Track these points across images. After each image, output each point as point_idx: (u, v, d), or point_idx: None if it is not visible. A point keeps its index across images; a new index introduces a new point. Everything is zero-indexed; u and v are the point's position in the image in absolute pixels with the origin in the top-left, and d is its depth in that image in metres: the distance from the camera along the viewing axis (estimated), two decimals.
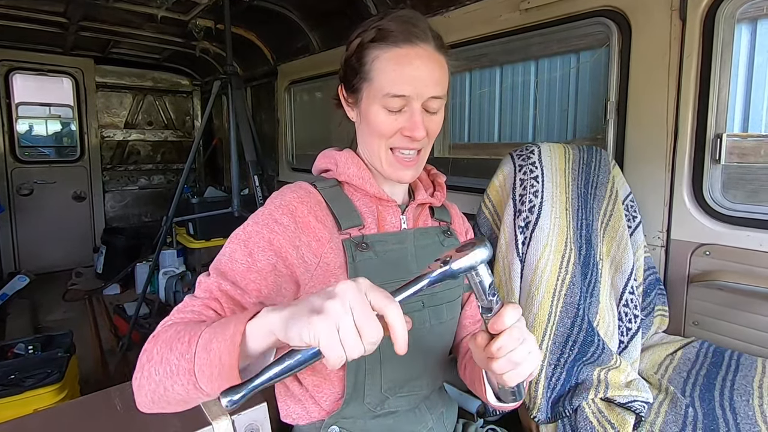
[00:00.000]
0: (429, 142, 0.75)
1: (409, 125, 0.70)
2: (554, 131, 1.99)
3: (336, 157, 0.80)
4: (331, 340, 0.41)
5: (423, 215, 0.83)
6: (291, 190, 0.73)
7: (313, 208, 0.72)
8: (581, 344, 1.02)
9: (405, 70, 0.69)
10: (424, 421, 0.80)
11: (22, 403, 1.56)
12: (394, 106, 0.70)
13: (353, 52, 0.75)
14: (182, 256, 3.56)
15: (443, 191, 0.86)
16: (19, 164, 3.81)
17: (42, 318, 3.08)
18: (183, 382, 0.52)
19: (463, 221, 0.92)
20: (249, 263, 0.65)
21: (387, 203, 0.78)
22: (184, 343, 0.52)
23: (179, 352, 0.52)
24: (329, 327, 0.42)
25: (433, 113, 0.73)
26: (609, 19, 1.41)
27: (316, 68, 2.92)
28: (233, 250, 0.67)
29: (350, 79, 0.76)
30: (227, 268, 0.65)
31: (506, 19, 1.71)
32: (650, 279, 1.30)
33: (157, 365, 0.54)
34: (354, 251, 0.71)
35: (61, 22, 3.00)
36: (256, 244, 0.67)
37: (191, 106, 4.81)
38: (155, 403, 0.57)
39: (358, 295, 0.43)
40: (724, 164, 1.26)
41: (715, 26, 1.21)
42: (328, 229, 0.72)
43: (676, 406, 0.97)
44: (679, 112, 1.28)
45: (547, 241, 1.06)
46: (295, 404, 0.77)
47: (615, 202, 1.28)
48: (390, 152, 0.74)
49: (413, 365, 0.76)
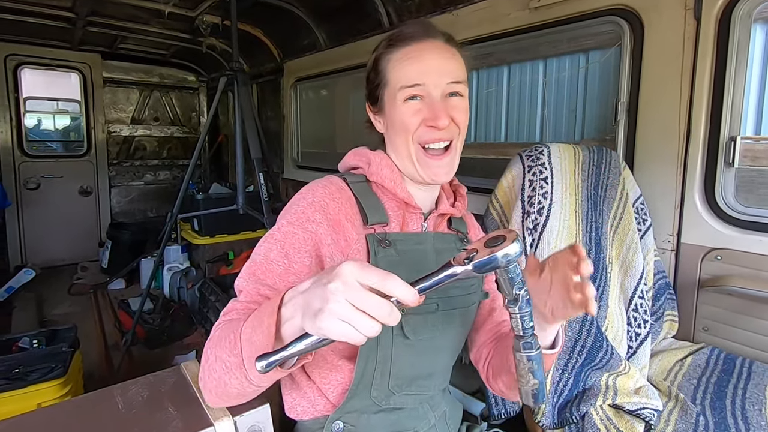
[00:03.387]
0: (460, 133, 0.75)
1: (430, 114, 0.71)
2: (562, 131, 1.96)
3: (369, 156, 0.81)
4: (340, 331, 0.43)
5: (442, 224, 0.84)
6: (322, 185, 0.74)
7: (344, 206, 0.72)
8: (589, 349, 1.00)
9: (416, 62, 0.71)
10: (427, 419, 0.80)
11: (26, 397, 1.56)
12: (413, 96, 0.71)
13: (371, 66, 0.78)
14: (187, 252, 3.57)
15: (464, 202, 0.87)
16: (27, 158, 3.83)
17: (47, 311, 3.09)
18: (237, 376, 0.56)
19: (478, 230, 0.93)
20: (286, 265, 0.67)
21: (413, 209, 0.78)
22: (231, 341, 0.56)
23: (229, 350, 0.56)
24: (334, 323, 0.43)
25: (456, 97, 0.73)
26: (621, 18, 1.39)
27: (323, 65, 2.90)
28: (268, 250, 0.68)
29: (372, 92, 0.78)
30: (264, 270, 0.67)
31: (515, 18, 1.69)
32: (660, 283, 1.28)
33: (214, 364, 0.59)
34: (377, 247, 0.72)
35: (69, 17, 3.00)
36: (291, 246, 0.68)
37: (197, 102, 4.82)
38: (219, 397, 0.62)
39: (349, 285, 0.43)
40: (737, 167, 1.23)
41: (731, 26, 1.19)
42: (356, 228, 0.72)
43: (687, 414, 0.95)
44: (691, 114, 1.26)
45: (556, 243, 1.04)
46: (301, 398, 0.77)
47: (625, 205, 1.26)
48: (420, 149, 0.74)
49: (423, 365, 0.77)
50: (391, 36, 0.75)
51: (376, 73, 0.76)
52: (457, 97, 0.73)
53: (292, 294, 0.51)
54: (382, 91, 0.76)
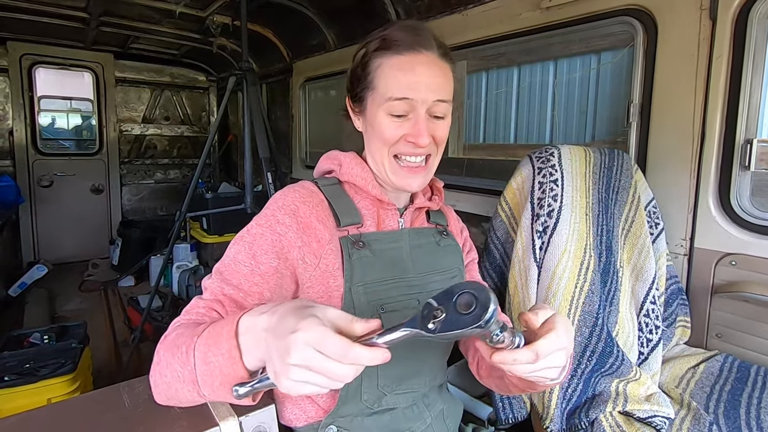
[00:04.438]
0: (438, 149, 0.76)
1: (413, 131, 0.71)
2: (572, 133, 1.94)
3: (340, 158, 0.81)
4: (304, 390, 0.43)
5: (420, 218, 0.84)
6: (293, 190, 0.74)
7: (315, 208, 0.72)
8: (599, 355, 0.98)
9: (408, 75, 0.70)
10: (423, 418, 0.79)
11: (36, 392, 1.58)
12: (398, 110, 0.71)
13: (359, 62, 0.76)
14: (195, 251, 3.59)
15: (441, 196, 0.87)
16: (40, 156, 3.90)
17: (58, 307, 3.14)
18: (188, 389, 0.55)
19: (457, 221, 0.93)
20: (252, 266, 0.67)
21: (387, 206, 0.79)
22: (182, 352, 0.55)
23: (180, 362, 0.55)
24: (297, 385, 0.43)
25: (440, 118, 0.73)
26: (634, 19, 1.37)
27: (332, 66, 2.91)
28: (237, 252, 0.68)
29: (356, 89, 0.77)
30: (231, 271, 0.67)
31: (526, 18, 1.67)
32: (672, 288, 1.25)
33: (164, 369, 0.57)
34: (351, 249, 0.72)
35: (83, 17, 3.05)
36: (260, 247, 0.68)
37: (207, 101, 4.86)
38: (169, 400, 0.61)
39: (310, 354, 0.41)
40: (753, 171, 1.20)
41: (748, 27, 1.16)
42: (328, 229, 0.72)
43: (699, 423, 0.93)
44: (706, 116, 1.23)
45: (566, 246, 1.03)
46: (293, 406, 0.77)
47: (637, 208, 1.23)
48: (393, 160, 0.74)
49: (411, 363, 0.76)
50: (384, 36, 0.73)
51: (364, 71, 0.74)
52: (442, 120, 0.73)
53: (249, 322, 0.49)
54: (366, 92, 0.74)
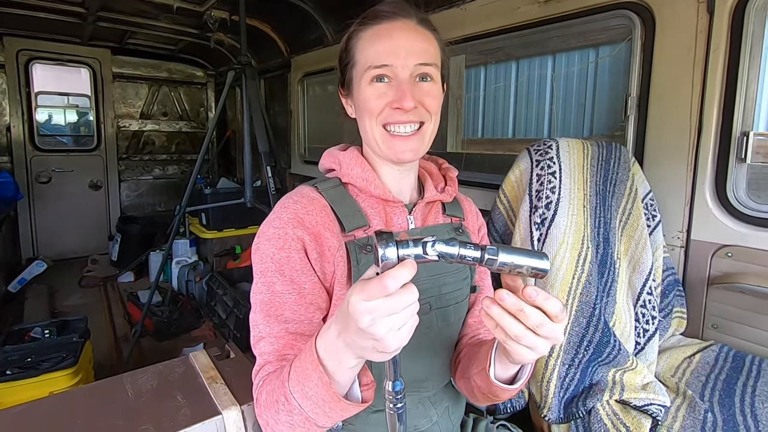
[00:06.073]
0: (432, 117, 0.71)
1: (396, 95, 0.67)
2: (570, 127, 1.94)
3: (339, 157, 0.78)
4: (402, 335, 0.46)
5: (433, 212, 0.80)
6: (293, 201, 0.71)
7: (319, 216, 0.69)
8: (597, 344, 1.00)
9: (385, 42, 0.68)
10: (429, 416, 0.79)
11: (38, 385, 1.59)
12: (380, 77, 0.68)
13: (343, 46, 0.75)
14: (195, 246, 3.60)
15: (455, 186, 0.82)
16: (38, 152, 3.89)
17: (58, 303, 3.15)
18: (306, 427, 0.58)
19: (477, 217, 0.89)
20: (296, 290, 0.66)
21: (394, 204, 0.75)
22: (282, 402, 0.57)
23: (287, 411, 0.57)
24: (390, 337, 0.45)
25: (426, 82, 0.69)
26: (632, 12, 1.37)
27: (330, 60, 2.90)
28: (272, 283, 0.66)
29: (343, 73, 0.75)
30: (277, 305, 0.65)
31: (524, 12, 1.68)
32: (669, 280, 1.26)
33: (275, 426, 0.60)
34: (358, 254, 0.68)
35: (80, 13, 3.03)
36: (293, 269, 0.66)
37: (205, 97, 4.85)
38: None
39: (366, 307, 0.44)
40: (749, 163, 1.21)
41: (745, 20, 1.16)
42: (335, 236, 0.69)
43: (695, 410, 0.94)
44: (703, 109, 1.24)
45: (564, 238, 1.04)
46: None
47: (634, 201, 1.24)
48: (383, 130, 0.70)
49: (419, 368, 0.75)
50: (365, 14, 0.72)
51: (347, 52, 0.73)
52: (427, 82, 0.69)
53: (324, 343, 0.52)
54: (351, 70, 0.72)
